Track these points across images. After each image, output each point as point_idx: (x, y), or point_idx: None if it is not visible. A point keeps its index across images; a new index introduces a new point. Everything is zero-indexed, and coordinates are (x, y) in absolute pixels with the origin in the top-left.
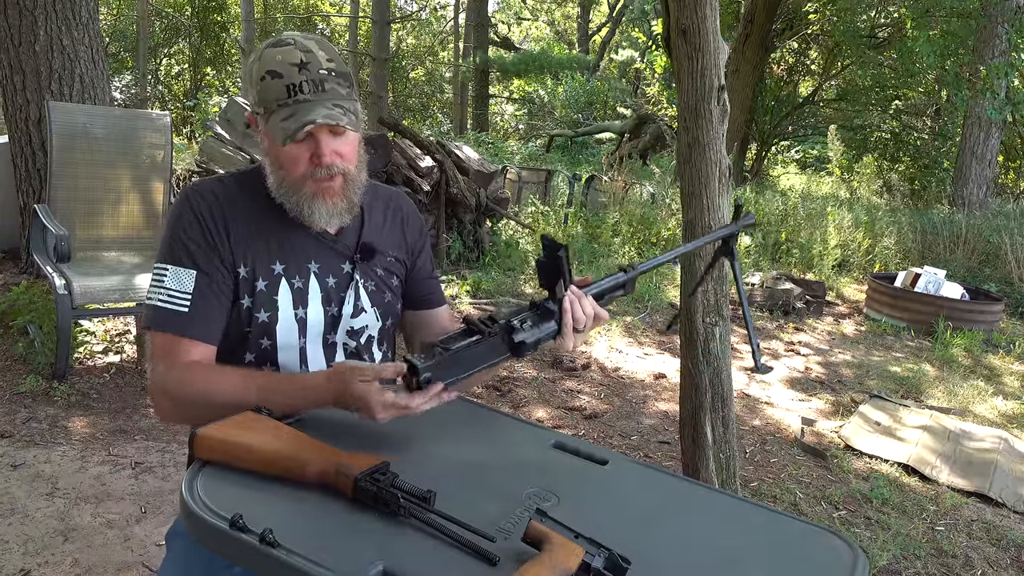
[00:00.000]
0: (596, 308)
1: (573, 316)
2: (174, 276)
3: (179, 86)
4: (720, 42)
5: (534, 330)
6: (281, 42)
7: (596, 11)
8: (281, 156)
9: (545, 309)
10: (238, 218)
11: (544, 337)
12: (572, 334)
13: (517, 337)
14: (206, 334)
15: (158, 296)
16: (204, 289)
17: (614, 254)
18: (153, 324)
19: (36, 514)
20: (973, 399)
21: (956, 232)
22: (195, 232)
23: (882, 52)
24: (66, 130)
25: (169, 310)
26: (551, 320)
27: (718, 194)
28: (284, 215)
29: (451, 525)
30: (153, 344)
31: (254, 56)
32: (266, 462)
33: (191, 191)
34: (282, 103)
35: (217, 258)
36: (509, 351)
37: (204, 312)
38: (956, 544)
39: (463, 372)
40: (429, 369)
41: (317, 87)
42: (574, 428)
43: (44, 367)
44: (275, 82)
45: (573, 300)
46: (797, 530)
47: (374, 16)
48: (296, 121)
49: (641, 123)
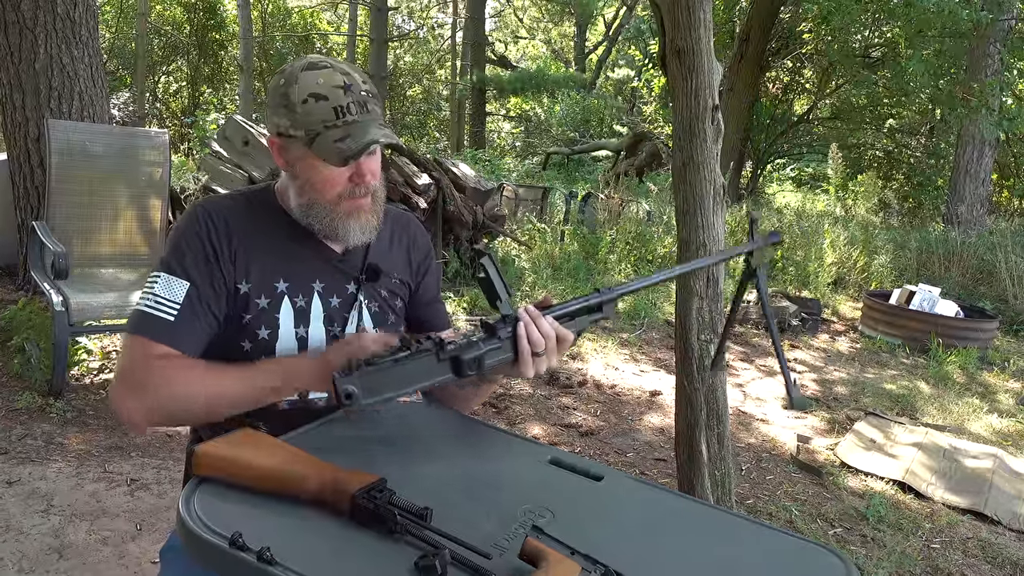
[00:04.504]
0: (558, 329)
1: (529, 338)
2: (165, 283)
3: (177, 104)
4: (714, 63)
5: (474, 347)
6: (316, 65)
7: (592, 30)
8: (316, 177)
9: (490, 327)
10: (245, 235)
11: (491, 355)
12: (531, 359)
13: (449, 353)
14: (189, 346)
15: (144, 301)
16: (194, 302)
17: (610, 271)
18: (134, 328)
19: (31, 531)
20: (968, 416)
21: (951, 250)
22: (196, 246)
23: (876, 71)
24: (65, 147)
25: (154, 316)
26: (497, 338)
27: (712, 212)
28: (293, 234)
29: (448, 542)
30: (130, 346)
31: (284, 80)
32: (263, 479)
33: (200, 206)
34: (329, 125)
35: (215, 275)
36: (451, 371)
37: (189, 325)
38: (951, 562)
39: (395, 390)
40: (351, 383)
41: (362, 108)
42: (570, 445)
43: (40, 384)
44: (320, 104)
45: (527, 321)
46: (793, 547)
47: (372, 35)
48: (355, 141)
49: (637, 141)
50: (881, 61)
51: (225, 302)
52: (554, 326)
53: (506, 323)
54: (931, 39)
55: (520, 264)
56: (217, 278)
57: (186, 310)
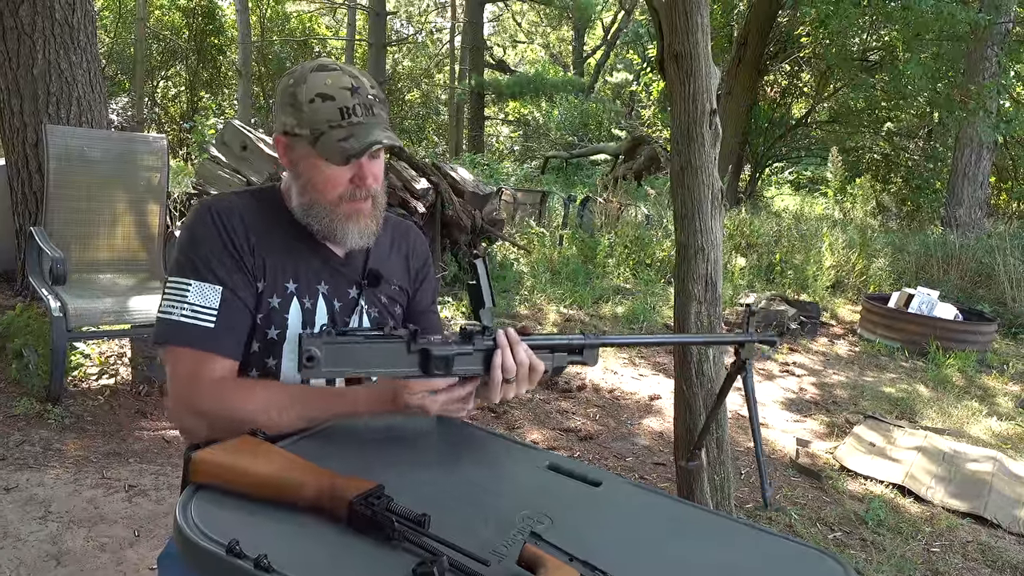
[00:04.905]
0: (532, 358)
1: (503, 364)
2: (198, 291)
3: (176, 108)
4: (712, 67)
5: (446, 347)
6: (326, 66)
7: (591, 34)
8: (318, 176)
9: (468, 333)
10: (259, 232)
11: (461, 360)
12: (499, 385)
13: (420, 345)
14: (231, 350)
15: (180, 311)
16: (230, 304)
17: (609, 275)
18: (175, 339)
19: (29, 538)
20: (967, 420)
21: (949, 253)
22: (217, 246)
23: (874, 75)
24: (63, 153)
25: (194, 325)
26: (471, 345)
27: (711, 216)
28: (298, 235)
29: (446, 549)
30: (175, 360)
31: (294, 80)
32: (261, 485)
33: (211, 204)
34: (334, 124)
35: (241, 272)
36: (418, 365)
37: (229, 328)
38: (951, 565)
39: (357, 367)
40: (317, 346)
41: (368, 111)
42: (569, 449)
43: (38, 389)
44: (327, 104)
45: (504, 346)
46: (792, 552)
47: (370, 39)
48: (358, 141)
49: (636, 145)
50: (879, 64)
51: (255, 296)
52: (529, 355)
53: (484, 334)
54: (929, 42)
55: (519, 268)
56: (245, 274)
57: (223, 314)
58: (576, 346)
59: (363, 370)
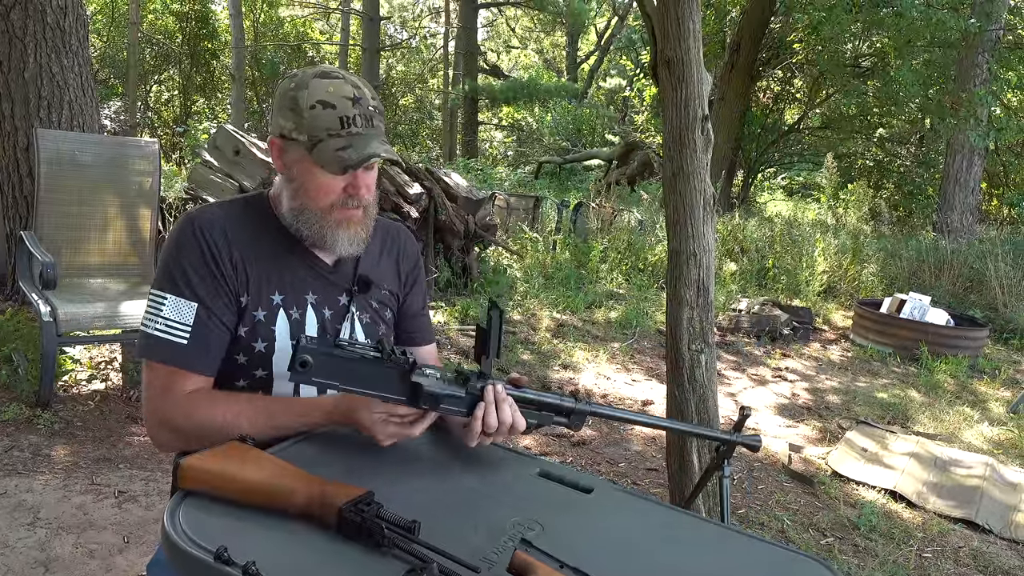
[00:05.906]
0: (515, 415)
1: (485, 419)
2: (173, 306)
3: (169, 113)
4: (704, 73)
5: (439, 384)
6: (328, 74)
7: (584, 40)
8: (311, 184)
9: (465, 377)
10: (244, 244)
11: (450, 401)
12: (478, 436)
13: (415, 378)
14: (204, 366)
15: (154, 325)
16: (204, 321)
17: (602, 280)
18: (149, 354)
19: (17, 544)
20: (959, 425)
21: (941, 259)
22: (197, 260)
23: (866, 81)
24: (54, 157)
25: (167, 340)
26: (464, 390)
27: (703, 222)
28: (286, 243)
29: (436, 556)
30: (149, 374)
31: (295, 84)
32: (250, 492)
33: (195, 216)
34: (333, 133)
35: (220, 288)
36: (407, 395)
37: (203, 344)
38: (943, 571)
39: (346, 384)
40: (310, 353)
41: (368, 122)
42: (561, 455)
43: (28, 395)
44: (327, 112)
45: (489, 402)
46: (784, 558)
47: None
48: (357, 153)
49: (629, 150)
50: (871, 71)
51: (234, 312)
52: (513, 410)
53: (480, 380)
54: (920, 49)
55: (512, 273)
56: (224, 291)
57: (197, 331)
58: (565, 409)
59: (352, 387)
